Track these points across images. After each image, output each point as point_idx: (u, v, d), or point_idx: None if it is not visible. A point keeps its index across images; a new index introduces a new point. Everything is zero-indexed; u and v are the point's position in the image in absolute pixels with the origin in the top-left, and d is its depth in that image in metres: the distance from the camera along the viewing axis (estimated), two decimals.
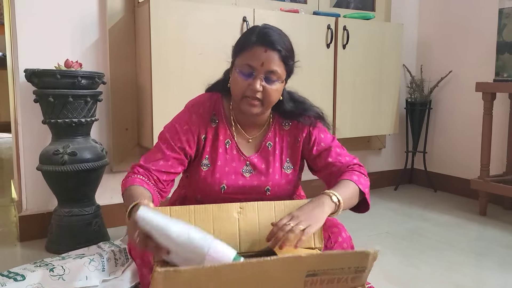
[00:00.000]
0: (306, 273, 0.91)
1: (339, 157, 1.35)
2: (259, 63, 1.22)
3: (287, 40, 1.28)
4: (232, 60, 1.31)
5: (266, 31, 1.25)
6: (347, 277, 0.94)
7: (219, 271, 0.84)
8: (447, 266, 1.89)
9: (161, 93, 2.08)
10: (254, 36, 1.24)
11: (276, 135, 1.38)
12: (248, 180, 1.33)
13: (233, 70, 1.28)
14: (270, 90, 1.25)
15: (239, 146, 1.35)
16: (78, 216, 1.98)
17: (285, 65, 1.27)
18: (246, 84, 1.24)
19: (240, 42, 1.29)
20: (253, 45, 1.23)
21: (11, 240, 2.14)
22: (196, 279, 0.83)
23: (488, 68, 2.80)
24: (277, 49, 1.23)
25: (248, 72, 1.23)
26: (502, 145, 2.82)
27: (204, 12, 2.16)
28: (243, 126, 1.37)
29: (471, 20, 3.00)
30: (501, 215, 2.64)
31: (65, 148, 1.91)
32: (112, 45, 2.23)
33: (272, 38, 1.23)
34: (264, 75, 1.23)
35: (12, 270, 1.62)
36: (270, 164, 1.35)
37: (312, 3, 2.81)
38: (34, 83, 1.92)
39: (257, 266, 0.85)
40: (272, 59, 1.22)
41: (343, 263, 0.92)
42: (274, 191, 1.34)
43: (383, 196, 3.07)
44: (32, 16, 2.06)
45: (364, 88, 2.77)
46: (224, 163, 1.33)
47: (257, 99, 1.25)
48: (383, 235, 2.29)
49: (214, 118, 1.36)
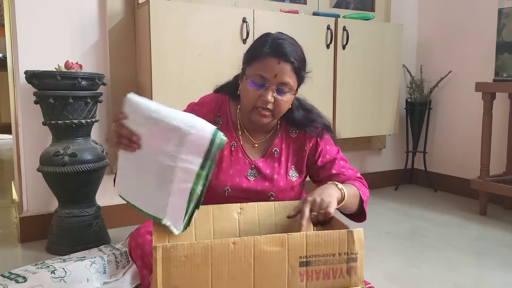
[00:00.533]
0: (299, 260, 0.93)
1: (342, 169, 1.36)
2: (272, 75, 1.21)
3: (300, 50, 1.26)
4: (243, 67, 1.28)
5: (279, 42, 1.22)
6: (341, 268, 0.95)
7: (213, 248, 0.90)
8: (447, 266, 1.90)
9: (161, 94, 2.08)
10: (268, 46, 1.22)
11: (282, 142, 1.37)
12: (253, 183, 1.33)
13: (244, 79, 1.26)
14: (281, 102, 1.24)
15: (245, 149, 1.35)
16: (79, 217, 1.98)
17: (297, 76, 1.26)
18: (258, 95, 1.22)
19: (252, 51, 1.26)
20: (266, 56, 1.21)
21: (11, 241, 2.15)
22: (191, 254, 0.88)
23: (488, 68, 2.80)
24: (290, 61, 1.21)
25: (260, 83, 1.22)
26: (502, 145, 2.82)
27: (204, 13, 2.16)
28: (250, 131, 1.36)
29: (470, 20, 3.00)
30: (501, 215, 2.64)
31: (66, 149, 1.91)
32: (112, 46, 2.24)
33: (286, 49, 1.21)
34: (276, 86, 1.22)
35: (13, 272, 1.63)
36: (275, 170, 1.34)
37: (311, 4, 2.82)
38: (35, 85, 1.93)
39: (248, 241, 0.91)
40: (285, 71, 1.21)
41: (331, 246, 0.95)
42: (278, 197, 1.33)
43: (383, 196, 3.07)
44: (32, 18, 2.06)
45: (364, 88, 2.77)
46: (228, 165, 1.32)
47: (267, 110, 1.24)
48: (384, 235, 2.29)
49: (218, 120, 1.35)
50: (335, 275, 0.96)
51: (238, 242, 0.91)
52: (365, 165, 3.22)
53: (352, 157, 3.11)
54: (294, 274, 0.94)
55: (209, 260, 0.89)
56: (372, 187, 3.26)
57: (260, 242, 0.92)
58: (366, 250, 1.00)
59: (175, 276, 0.88)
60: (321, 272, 0.95)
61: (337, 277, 0.96)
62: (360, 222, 1.35)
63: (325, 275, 0.95)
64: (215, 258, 0.90)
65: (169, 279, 0.88)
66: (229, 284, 0.91)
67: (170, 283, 0.88)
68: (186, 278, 0.89)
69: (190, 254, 0.88)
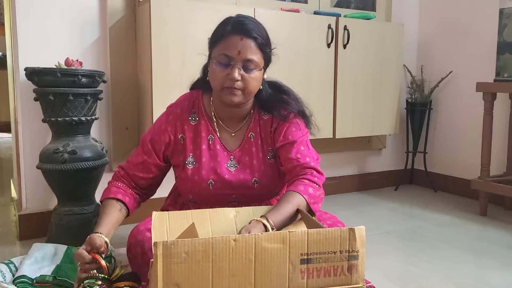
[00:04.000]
0: (300, 258, 0.93)
1: (298, 155, 1.29)
2: (235, 52, 1.21)
3: (262, 28, 1.27)
4: (209, 53, 1.30)
5: (241, 19, 1.25)
6: (343, 266, 0.95)
7: (214, 244, 0.90)
8: (448, 265, 1.89)
9: (161, 91, 2.08)
10: (229, 25, 1.24)
11: (257, 125, 1.36)
12: (234, 174, 1.33)
13: (210, 62, 1.27)
14: (248, 79, 1.24)
15: (222, 141, 1.35)
16: (78, 215, 1.98)
17: (262, 52, 1.26)
18: (225, 74, 1.23)
19: (215, 33, 1.28)
20: (228, 34, 1.22)
21: (11, 239, 2.14)
22: (192, 251, 0.88)
23: (489, 68, 2.80)
24: (253, 37, 1.22)
25: (226, 62, 1.22)
26: (503, 145, 2.82)
27: (205, 11, 2.16)
28: (225, 120, 1.36)
29: (471, 20, 2.99)
30: (502, 215, 2.64)
31: (65, 147, 1.90)
32: (112, 44, 2.23)
33: (248, 26, 1.23)
34: (241, 64, 1.22)
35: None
36: (254, 155, 1.34)
37: (312, 3, 2.81)
38: (35, 82, 1.92)
39: (249, 238, 0.91)
40: (248, 46, 1.22)
41: (332, 244, 0.94)
42: (262, 182, 1.33)
43: (383, 196, 3.07)
44: (33, 15, 2.06)
45: (364, 88, 2.76)
46: (208, 159, 1.33)
47: (236, 88, 1.24)
48: (384, 234, 2.28)
49: (194, 116, 1.35)
50: (336, 272, 0.95)
51: (239, 239, 0.91)
52: (365, 165, 3.22)
53: (352, 157, 3.11)
54: (295, 271, 0.93)
55: (210, 256, 0.89)
56: (372, 187, 3.30)
57: (261, 239, 0.92)
58: (366, 250, 0.99)
59: (176, 273, 0.88)
60: (322, 269, 0.94)
61: (338, 274, 0.95)
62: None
63: (326, 273, 0.95)
64: (216, 254, 0.90)
65: (169, 276, 0.88)
66: (229, 281, 0.90)
67: (170, 279, 0.88)
68: (186, 275, 0.88)
69: (190, 251, 0.88)
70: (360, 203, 2.90)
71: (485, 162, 2.59)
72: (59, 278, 1.45)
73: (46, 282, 1.43)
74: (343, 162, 3.07)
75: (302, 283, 0.94)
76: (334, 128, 2.66)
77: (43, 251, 1.69)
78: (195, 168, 1.33)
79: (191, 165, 1.34)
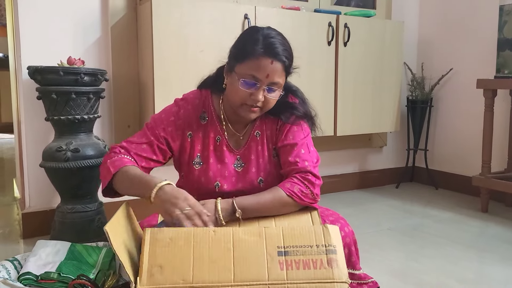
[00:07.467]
0: (277, 250, 0.99)
1: (297, 158, 1.28)
2: (264, 75, 1.20)
3: (289, 47, 1.26)
4: (232, 64, 1.26)
5: (272, 41, 1.22)
6: (321, 259, 0.99)
7: (195, 233, 1.01)
8: (449, 261, 1.90)
9: (163, 90, 2.09)
10: (260, 45, 1.20)
11: (263, 124, 1.36)
12: (241, 174, 1.33)
13: (233, 75, 1.24)
14: (270, 99, 1.24)
15: (229, 142, 1.35)
16: (81, 213, 1.99)
17: (287, 73, 1.27)
18: (248, 94, 1.22)
19: (243, 49, 1.24)
20: (259, 56, 1.20)
21: (14, 237, 2.15)
22: (176, 237, 1.00)
23: (489, 65, 2.80)
24: (283, 61, 1.21)
25: (252, 83, 1.21)
26: (504, 141, 2.82)
27: (206, 10, 2.17)
28: (234, 123, 1.36)
29: (471, 17, 3.00)
30: (503, 212, 2.64)
31: (68, 145, 1.91)
32: (114, 43, 2.24)
33: (278, 49, 1.21)
34: (267, 86, 1.22)
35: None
36: (260, 154, 1.34)
37: (313, 1, 2.82)
38: (37, 80, 1.93)
39: (227, 230, 1.03)
40: (276, 70, 1.21)
41: (307, 238, 1.01)
42: (267, 181, 1.33)
43: (384, 194, 3.08)
44: (35, 14, 2.07)
45: (365, 85, 2.77)
46: (216, 161, 1.33)
47: (256, 107, 1.24)
48: (385, 231, 2.29)
49: (204, 116, 1.35)
50: (315, 265, 0.98)
51: (218, 230, 1.03)
52: (366, 162, 3.23)
53: (353, 154, 3.12)
54: (273, 261, 0.98)
55: (191, 243, 0.99)
56: (373, 185, 3.30)
57: (238, 232, 1.02)
58: (368, 246, 1.01)
59: (159, 255, 0.97)
60: (301, 262, 0.99)
61: (318, 267, 0.98)
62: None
63: (305, 265, 0.98)
64: (197, 242, 0.99)
65: (154, 258, 0.97)
66: (209, 267, 0.97)
67: (155, 261, 0.96)
68: (169, 257, 0.97)
69: (174, 237, 1.00)
70: (361, 201, 2.91)
71: (486, 159, 2.60)
72: (63, 275, 1.46)
73: (51, 279, 1.43)
74: (344, 160, 3.08)
75: (281, 274, 0.97)
76: (335, 125, 2.67)
77: (48, 248, 1.70)
78: (202, 169, 1.32)
79: (198, 166, 1.33)
